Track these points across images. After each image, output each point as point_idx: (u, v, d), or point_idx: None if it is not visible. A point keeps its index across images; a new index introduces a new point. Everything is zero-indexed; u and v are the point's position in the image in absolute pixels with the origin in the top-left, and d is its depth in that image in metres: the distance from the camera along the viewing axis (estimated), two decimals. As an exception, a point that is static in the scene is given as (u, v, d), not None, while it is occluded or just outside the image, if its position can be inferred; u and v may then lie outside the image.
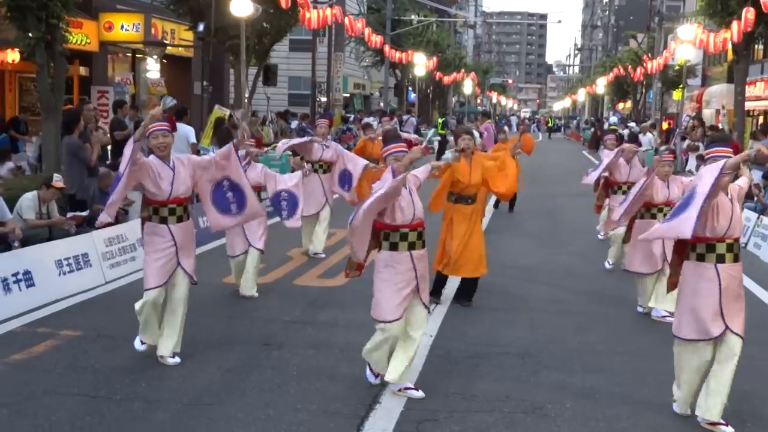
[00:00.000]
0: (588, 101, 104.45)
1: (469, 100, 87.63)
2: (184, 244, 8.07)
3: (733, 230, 6.60)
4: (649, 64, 47.70)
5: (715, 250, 6.58)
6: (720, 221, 6.52)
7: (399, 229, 7.11)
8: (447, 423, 6.68)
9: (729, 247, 6.59)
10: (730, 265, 6.59)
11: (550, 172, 33.38)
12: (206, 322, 9.48)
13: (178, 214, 7.99)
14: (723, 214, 6.53)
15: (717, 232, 6.54)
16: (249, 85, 25.43)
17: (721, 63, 45.91)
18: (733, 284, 6.61)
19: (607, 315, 10.41)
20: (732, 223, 6.57)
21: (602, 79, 73.02)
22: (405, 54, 47.61)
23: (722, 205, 6.53)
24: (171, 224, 7.95)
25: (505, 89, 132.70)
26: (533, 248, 15.34)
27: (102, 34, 27.02)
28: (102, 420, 6.50)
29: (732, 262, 6.60)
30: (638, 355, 8.77)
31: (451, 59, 68.36)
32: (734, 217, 6.60)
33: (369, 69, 60.16)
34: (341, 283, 11.66)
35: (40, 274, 10.21)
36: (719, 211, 6.52)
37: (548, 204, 22.56)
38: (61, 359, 7.96)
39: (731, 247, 6.61)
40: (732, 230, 6.58)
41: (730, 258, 6.59)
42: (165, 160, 7.92)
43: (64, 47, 15.37)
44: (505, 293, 11.41)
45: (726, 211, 6.56)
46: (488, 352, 8.64)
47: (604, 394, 7.49)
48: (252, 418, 6.63)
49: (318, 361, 8.15)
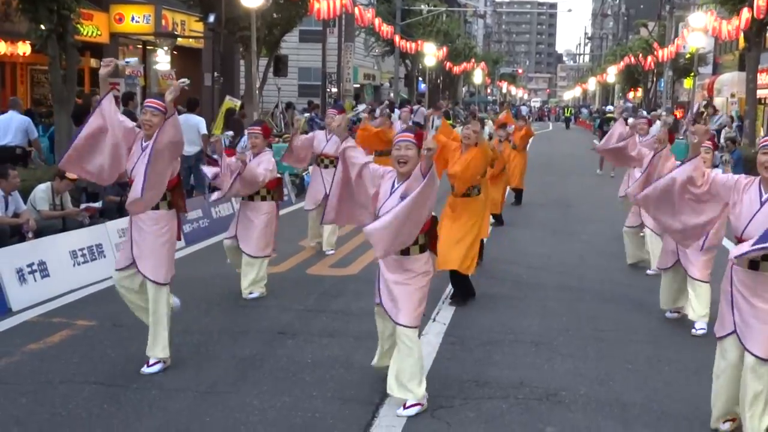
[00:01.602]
0: (599, 90, 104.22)
1: (479, 90, 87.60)
2: (139, 240, 7.55)
3: (750, 233, 5.93)
4: (660, 52, 47.57)
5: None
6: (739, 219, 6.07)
7: None
8: (462, 409, 6.71)
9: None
10: (743, 270, 6.02)
11: (561, 162, 33.37)
12: (220, 311, 9.54)
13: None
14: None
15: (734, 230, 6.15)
16: (260, 76, 25.46)
17: (733, 51, 45.77)
18: (746, 292, 6.00)
19: (620, 303, 10.41)
20: (750, 225, 5.96)
21: (613, 68, 72.94)
22: (415, 44, 47.60)
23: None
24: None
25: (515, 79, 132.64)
26: (545, 237, 15.34)
27: (113, 26, 27.16)
28: (119, 408, 6.55)
29: (746, 267, 6.00)
30: (651, 342, 8.77)
31: (461, 49, 68.40)
32: (757, 217, 5.93)
33: (379, 59, 60.16)
34: (354, 272, 11.74)
35: (55, 265, 10.27)
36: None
37: (559, 193, 22.57)
38: (77, 349, 8.01)
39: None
40: (748, 232, 5.95)
41: (745, 263, 5.98)
42: (148, 139, 7.34)
43: (76, 39, 15.43)
44: (518, 281, 11.43)
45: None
46: (501, 340, 8.67)
47: (618, 381, 7.50)
48: (268, 405, 6.67)
49: (332, 349, 8.18)
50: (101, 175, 7.47)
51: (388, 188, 6.72)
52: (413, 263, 6.73)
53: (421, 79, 58.97)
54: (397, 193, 6.61)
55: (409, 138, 6.68)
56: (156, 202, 7.47)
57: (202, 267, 11.78)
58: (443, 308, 9.70)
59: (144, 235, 7.51)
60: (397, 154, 6.66)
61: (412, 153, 6.62)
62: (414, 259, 6.73)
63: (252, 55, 21.88)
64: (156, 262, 7.49)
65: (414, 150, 6.63)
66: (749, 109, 28.30)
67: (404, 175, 6.63)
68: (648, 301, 10.22)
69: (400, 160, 6.64)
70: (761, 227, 5.76)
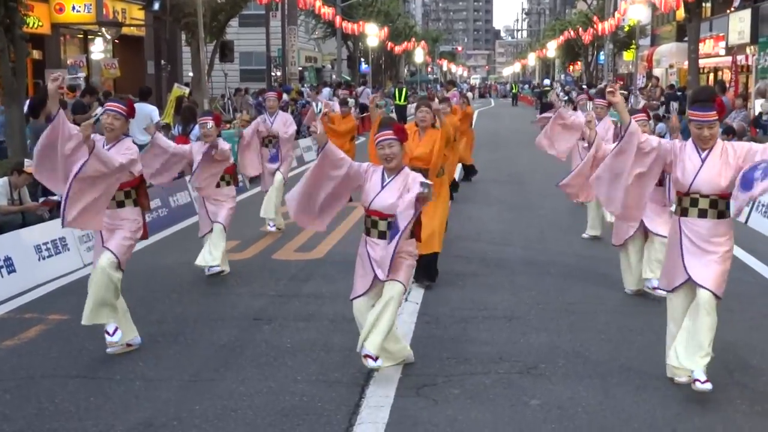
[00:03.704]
0: (539, 65, 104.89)
1: (420, 69, 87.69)
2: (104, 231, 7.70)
3: (698, 186, 6.52)
4: (600, 25, 48.01)
5: (680, 203, 6.71)
6: (684, 175, 6.59)
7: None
8: (446, 386, 6.80)
9: (693, 201, 6.59)
10: (692, 220, 6.60)
11: (508, 138, 33.62)
12: (192, 299, 9.55)
13: (116, 198, 7.64)
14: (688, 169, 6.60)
15: (680, 186, 6.66)
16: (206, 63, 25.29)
17: (671, 22, 46.35)
18: (697, 238, 6.57)
19: (585, 275, 10.60)
20: (696, 179, 6.52)
21: (553, 43, 73.43)
22: (357, 25, 47.55)
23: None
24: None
25: (454, 57, 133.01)
26: (503, 213, 15.51)
27: (54, 17, 26.78)
28: (106, 400, 6.54)
29: (696, 216, 6.59)
30: (620, 312, 8.97)
31: (401, 29, 68.40)
32: (700, 174, 6.52)
33: (320, 42, 60.00)
34: (320, 255, 11.78)
35: (21, 260, 10.18)
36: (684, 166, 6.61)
37: (511, 169, 22.77)
38: (53, 343, 7.97)
39: (695, 202, 6.58)
40: (696, 186, 6.52)
41: (694, 213, 6.60)
42: (108, 142, 7.54)
43: (24, 31, 15.20)
44: (484, 258, 11.57)
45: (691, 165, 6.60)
46: (475, 316, 8.79)
47: (594, 352, 7.66)
48: (254, 391, 6.71)
49: (310, 333, 8.23)
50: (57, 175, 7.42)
51: (378, 182, 6.94)
52: (401, 248, 6.84)
53: (363, 60, 58.95)
54: (390, 187, 6.86)
55: (389, 136, 6.92)
56: (90, 223, 7.54)
57: (165, 256, 11.75)
58: (413, 288, 9.74)
59: (108, 227, 7.63)
60: (382, 154, 6.91)
61: (396, 149, 6.90)
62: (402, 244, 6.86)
63: (200, 42, 21.70)
64: (116, 240, 7.59)
65: (397, 146, 6.91)
66: (692, 79, 28.74)
67: (393, 169, 6.92)
68: (611, 273, 10.39)
69: (387, 159, 6.90)
70: (708, 180, 6.49)
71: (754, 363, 7.34)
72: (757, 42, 30.06)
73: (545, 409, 6.38)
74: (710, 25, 38.09)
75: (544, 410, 6.35)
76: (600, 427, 6.07)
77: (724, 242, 6.61)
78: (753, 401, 6.48)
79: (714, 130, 6.56)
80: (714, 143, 6.57)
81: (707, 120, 6.50)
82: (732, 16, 35.34)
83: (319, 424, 6.10)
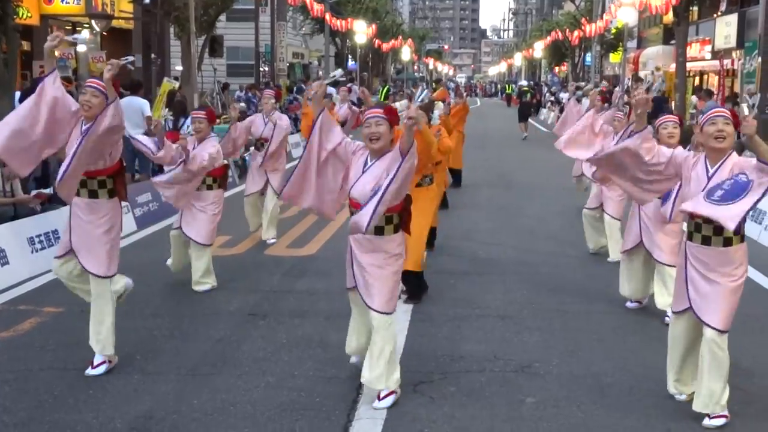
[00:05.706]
0: (525, 65, 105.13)
1: (406, 67, 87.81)
2: (76, 228, 7.13)
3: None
4: (588, 27, 48.17)
5: (687, 225, 6.30)
6: (690, 196, 6.20)
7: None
8: (442, 383, 6.87)
9: (697, 226, 6.15)
10: (697, 246, 6.17)
11: (495, 137, 33.72)
12: (185, 293, 9.57)
13: (89, 187, 7.07)
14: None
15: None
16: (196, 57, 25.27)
17: (657, 25, 46.56)
18: (702, 268, 6.15)
19: (576, 275, 10.69)
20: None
21: (540, 43, 73.62)
22: (345, 22, 47.58)
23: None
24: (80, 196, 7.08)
25: (441, 55, 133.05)
26: (492, 214, 15.58)
27: (42, 8, 26.73)
28: (105, 393, 6.57)
29: (699, 243, 6.15)
30: (612, 312, 9.03)
31: (389, 26, 68.47)
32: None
33: (307, 38, 59.97)
34: (313, 252, 11.84)
35: (14, 252, 10.18)
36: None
37: (498, 169, 22.86)
38: (50, 336, 7.99)
39: (699, 227, 6.14)
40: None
41: (698, 238, 6.16)
42: (88, 122, 6.86)
43: (16, 22, 15.17)
44: (474, 257, 11.64)
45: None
46: (468, 315, 8.85)
47: (587, 351, 7.74)
48: (252, 385, 6.76)
49: (305, 329, 8.27)
50: (31, 150, 6.88)
51: (360, 166, 6.38)
52: (387, 243, 6.44)
53: (351, 57, 58.97)
54: (371, 172, 6.29)
55: (378, 114, 6.32)
56: (75, 189, 6.97)
57: (157, 250, 11.71)
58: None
59: (81, 224, 7.08)
60: (368, 132, 6.29)
61: (383, 129, 6.27)
62: (388, 239, 6.45)
63: (191, 36, 21.71)
64: (96, 254, 7.05)
65: (385, 126, 6.29)
66: (679, 82, 28.89)
67: (377, 152, 6.31)
68: (602, 274, 10.50)
69: (372, 138, 6.28)
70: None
71: (745, 365, 7.41)
72: (743, 47, 30.32)
73: (541, 407, 6.45)
74: (697, 28, 38.29)
75: (540, 408, 6.42)
76: (596, 426, 6.15)
77: (731, 272, 6.12)
78: (745, 403, 6.55)
79: (729, 128, 6.02)
80: (725, 156, 6.07)
81: (721, 115, 6.06)
82: (719, 20, 35.58)
83: (318, 419, 6.16)
